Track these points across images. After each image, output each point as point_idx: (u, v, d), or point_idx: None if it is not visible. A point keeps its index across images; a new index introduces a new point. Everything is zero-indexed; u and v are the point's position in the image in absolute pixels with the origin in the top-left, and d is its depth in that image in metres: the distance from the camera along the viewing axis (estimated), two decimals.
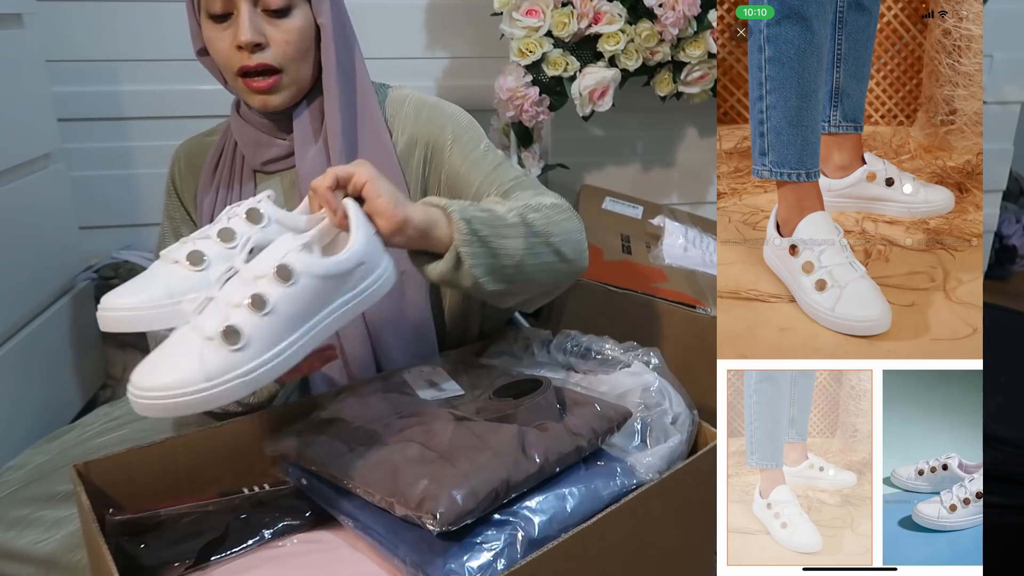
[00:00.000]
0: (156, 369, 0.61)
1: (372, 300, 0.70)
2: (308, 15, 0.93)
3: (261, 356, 0.62)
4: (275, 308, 0.63)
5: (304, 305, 0.65)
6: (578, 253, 0.90)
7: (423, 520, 0.65)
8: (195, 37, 0.95)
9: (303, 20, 0.92)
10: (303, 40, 0.92)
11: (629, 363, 0.94)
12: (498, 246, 0.79)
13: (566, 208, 0.91)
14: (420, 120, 1.01)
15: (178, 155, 1.08)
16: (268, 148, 0.99)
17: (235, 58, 0.91)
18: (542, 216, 0.86)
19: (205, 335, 0.61)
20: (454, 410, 0.80)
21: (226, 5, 0.88)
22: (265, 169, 1.01)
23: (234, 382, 0.61)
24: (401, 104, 1.03)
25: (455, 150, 0.99)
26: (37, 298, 1.29)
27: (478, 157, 0.98)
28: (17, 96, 1.26)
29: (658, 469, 0.80)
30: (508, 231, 0.80)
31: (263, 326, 0.62)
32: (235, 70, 0.92)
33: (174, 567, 0.71)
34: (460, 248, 0.75)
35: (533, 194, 0.93)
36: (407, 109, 1.02)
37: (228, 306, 0.63)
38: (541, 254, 0.84)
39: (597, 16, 1.48)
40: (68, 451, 1.02)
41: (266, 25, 0.90)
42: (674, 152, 1.93)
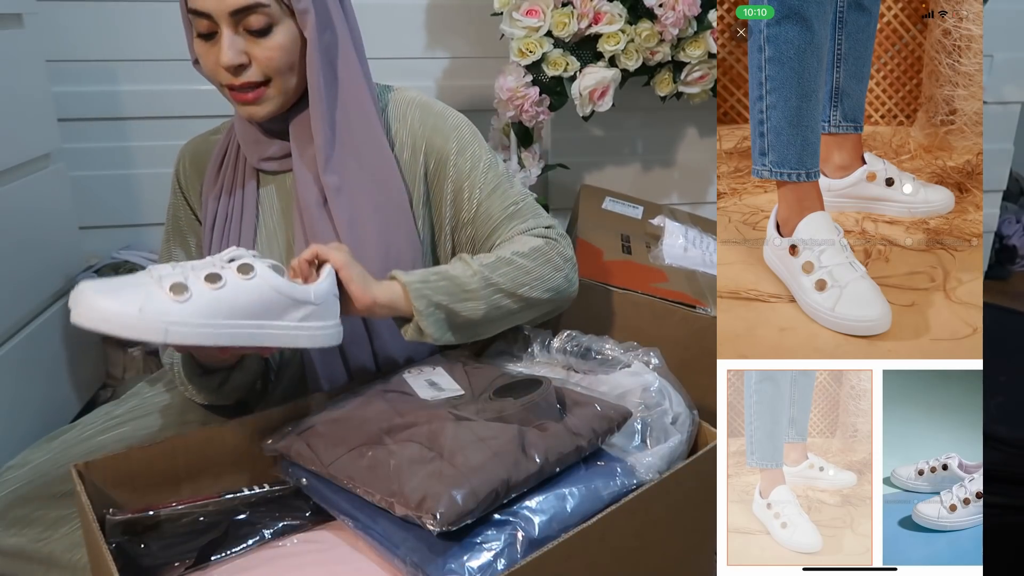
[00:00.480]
0: (106, 292, 0.68)
1: (308, 342, 0.78)
2: (292, 29, 0.92)
3: (193, 318, 0.69)
4: (225, 287, 0.71)
5: (249, 303, 0.72)
6: (556, 292, 0.97)
7: (423, 520, 0.65)
8: (190, 49, 0.96)
9: (286, 36, 0.91)
10: (287, 55, 0.92)
11: (629, 363, 0.94)
12: (459, 309, 0.89)
13: (549, 249, 0.96)
14: (426, 128, 1.01)
15: (183, 154, 1.08)
16: (267, 147, 1.00)
17: (221, 75, 0.92)
18: (513, 269, 0.93)
19: (159, 281, 0.69)
20: (454, 410, 0.80)
21: (210, 26, 0.89)
22: (264, 167, 1.02)
23: (156, 323, 0.67)
24: (405, 108, 1.03)
25: (458, 165, 1.01)
26: (37, 298, 1.29)
27: (478, 178, 1.00)
28: (17, 96, 1.26)
29: (658, 469, 0.80)
30: (468, 295, 0.89)
31: (208, 297, 0.70)
32: (223, 84, 0.93)
33: (174, 567, 0.72)
34: (419, 321, 0.87)
35: (523, 228, 0.99)
36: (411, 114, 1.02)
37: (189, 270, 0.71)
38: (505, 306, 0.93)
39: (597, 16, 1.48)
40: (68, 450, 1.02)
41: (249, 44, 0.90)
42: (674, 152, 1.93)
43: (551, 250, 0.96)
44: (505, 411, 0.78)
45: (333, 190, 0.95)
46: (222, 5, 0.87)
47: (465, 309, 0.89)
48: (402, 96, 1.04)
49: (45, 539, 0.86)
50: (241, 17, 0.88)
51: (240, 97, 0.92)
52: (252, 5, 0.88)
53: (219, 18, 0.88)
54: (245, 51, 0.90)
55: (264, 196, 1.03)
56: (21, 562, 0.85)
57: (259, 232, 1.02)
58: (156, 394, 1.14)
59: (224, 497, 0.77)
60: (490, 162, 1.02)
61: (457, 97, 1.80)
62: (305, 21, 0.92)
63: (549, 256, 0.96)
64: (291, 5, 0.91)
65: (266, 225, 1.02)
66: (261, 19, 0.89)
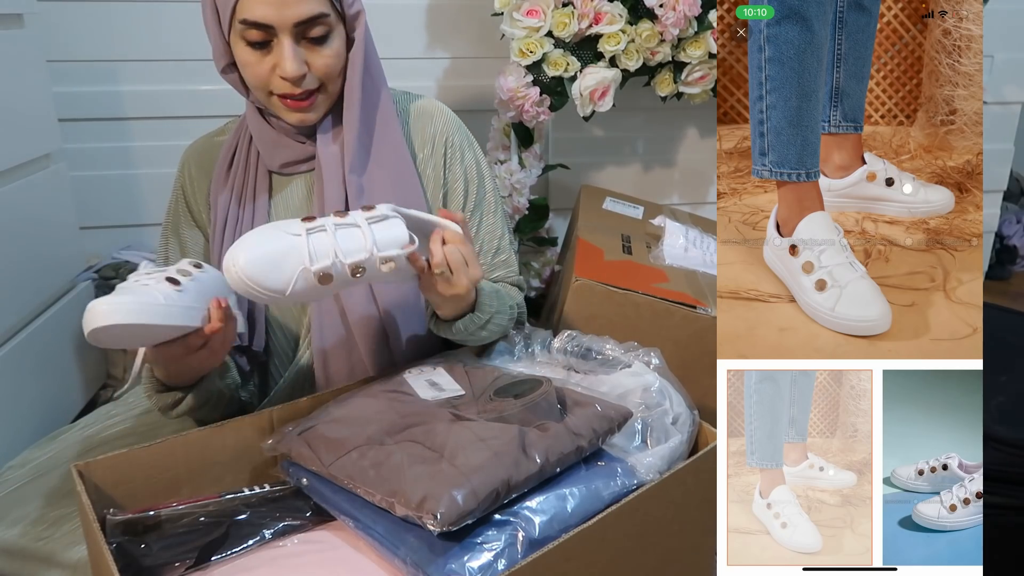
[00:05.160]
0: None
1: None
2: (343, 35, 0.94)
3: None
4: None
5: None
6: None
7: (424, 520, 0.65)
8: (220, 55, 0.94)
9: (340, 42, 0.94)
10: (341, 60, 0.94)
11: (630, 363, 0.94)
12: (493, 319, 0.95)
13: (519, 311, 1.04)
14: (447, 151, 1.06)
15: (187, 159, 1.07)
16: (288, 150, 1.00)
17: (276, 83, 0.92)
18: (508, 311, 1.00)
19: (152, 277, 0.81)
20: (454, 410, 0.80)
21: (265, 35, 0.89)
22: (282, 171, 1.02)
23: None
24: (427, 119, 1.06)
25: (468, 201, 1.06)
26: (38, 298, 1.29)
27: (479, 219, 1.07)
28: (17, 96, 1.26)
29: (659, 469, 0.80)
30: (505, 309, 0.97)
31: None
32: (275, 92, 0.93)
33: (175, 567, 0.72)
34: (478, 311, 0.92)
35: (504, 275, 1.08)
36: (435, 129, 1.06)
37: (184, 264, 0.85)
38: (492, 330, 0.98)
39: (598, 16, 1.48)
40: (68, 450, 1.02)
41: (307, 53, 0.91)
42: (674, 152, 1.93)
43: (518, 312, 1.04)
44: (505, 411, 0.78)
45: (356, 189, 0.96)
46: (285, 16, 0.87)
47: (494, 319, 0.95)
48: (424, 105, 1.07)
49: (45, 538, 0.86)
50: (304, 28, 0.89)
51: (296, 104, 0.93)
52: (316, 16, 0.89)
53: (281, 29, 0.88)
54: (305, 60, 0.91)
55: (277, 195, 1.03)
56: (21, 561, 0.85)
57: None
58: None
59: (224, 497, 0.77)
60: (494, 203, 1.09)
61: (457, 97, 1.80)
62: (356, 24, 0.95)
63: (514, 317, 1.02)
64: (344, 11, 0.93)
65: None
66: (322, 28, 0.90)
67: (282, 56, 0.89)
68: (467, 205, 1.06)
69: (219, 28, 0.92)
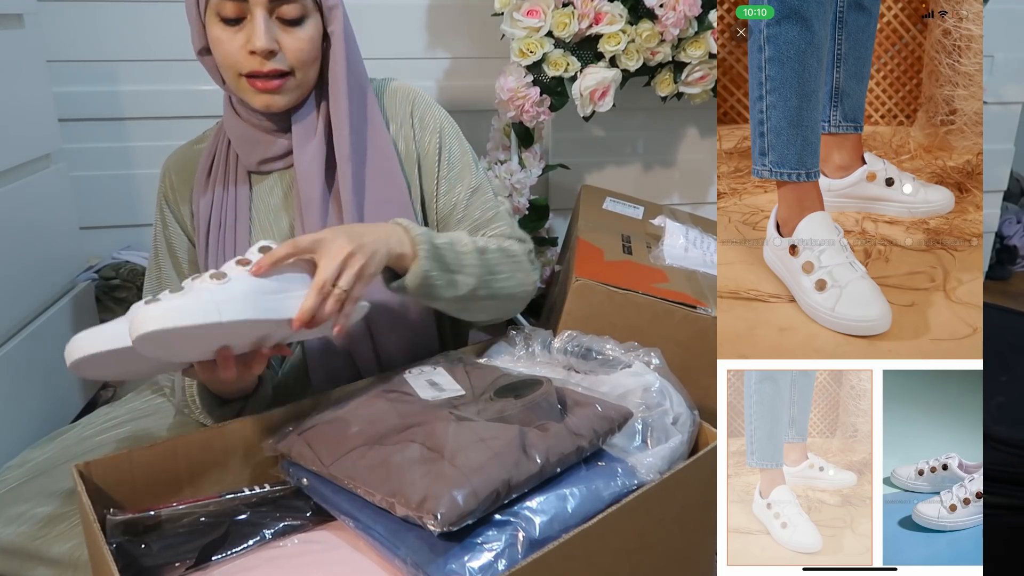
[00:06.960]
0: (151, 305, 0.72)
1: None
2: (319, 24, 0.95)
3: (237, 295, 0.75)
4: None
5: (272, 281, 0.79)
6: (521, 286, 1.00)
7: (424, 520, 0.65)
8: (197, 37, 0.95)
9: (314, 29, 0.94)
10: (313, 48, 0.95)
11: (630, 363, 0.94)
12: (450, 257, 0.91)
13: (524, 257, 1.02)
14: (415, 121, 1.05)
15: (167, 169, 1.07)
16: (265, 147, 1.00)
17: (245, 61, 0.92)
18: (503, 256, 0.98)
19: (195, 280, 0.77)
20: (454, 410, 0.80)
21: (239, 10, 0.89)
22: (261, 169, 1.02)
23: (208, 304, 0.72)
24: (399, 100, 1.06)
25: (441, 162, 1.05)
26: (38, 298, 1.29)
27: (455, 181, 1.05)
28: (17, 96, 1.26)
29: (659, 469, 0.80)
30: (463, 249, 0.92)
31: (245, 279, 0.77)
32: (243, 71, 0.92)
33: (175, 567, 0.72)
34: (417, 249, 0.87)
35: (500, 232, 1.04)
36: (400, 106, 1.05)
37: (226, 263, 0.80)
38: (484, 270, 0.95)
39: (598, 16, 1.48)
40: (68, 450, 1.02)
41: (280, 32, 0.92)
42: (675, 152, 1.93)
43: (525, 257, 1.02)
44: (506, 411, 0.78)
45: (345, 181, 0.96)
46: None
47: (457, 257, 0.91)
48: (392, 87, 1.07)
49: (43, 536, 0.86)
50: (277, 4, 0.90)
51: (264, 85, 0.93)
52: None
53: (255, 2, 0.89)
54: (276, 38, 0.91)
55: (257, 195, 1.03)
56: (19, 559, 0.85)
57: (253, 231, 1.02)
58: (156, 395, 1.14)
59: (225, 497, 0.77)
60: (470, 165, 1.07)
61: (457, 97, 1.80)
62: (333, 16, 0.95)
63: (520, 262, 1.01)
64: (321, 1, 0.94)
65: (260, 224, 1.02)
66: (296, 9, 0.91)
67: (253, 31, 0.89)
68: (441, 169, 1.05)
69: (196, 8, 0.93)
